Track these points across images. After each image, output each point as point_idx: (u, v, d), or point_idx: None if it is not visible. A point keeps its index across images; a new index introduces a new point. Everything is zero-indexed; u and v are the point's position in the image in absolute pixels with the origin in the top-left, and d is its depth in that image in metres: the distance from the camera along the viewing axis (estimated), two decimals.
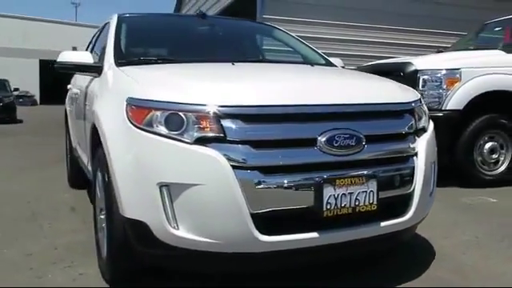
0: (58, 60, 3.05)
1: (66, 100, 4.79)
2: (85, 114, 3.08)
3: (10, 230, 3.45)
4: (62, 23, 35.54)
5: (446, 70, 4.63)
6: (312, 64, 3.03)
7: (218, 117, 1.96)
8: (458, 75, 4.62)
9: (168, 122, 1.99)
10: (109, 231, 2.26)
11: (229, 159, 1.92)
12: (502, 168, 4.80)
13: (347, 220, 2.08)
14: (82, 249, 2.98)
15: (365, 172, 2.10)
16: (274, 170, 1.97)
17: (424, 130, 2.45)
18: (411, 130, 2.33)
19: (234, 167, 1.92)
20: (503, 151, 4.81)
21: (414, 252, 2.84)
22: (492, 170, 4.78)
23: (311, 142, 2.04)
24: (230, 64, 2.64)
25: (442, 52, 6.68)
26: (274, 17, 6.81)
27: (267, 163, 1.97)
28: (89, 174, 3.29)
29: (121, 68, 2.65)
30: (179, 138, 1.96)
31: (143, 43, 3.22)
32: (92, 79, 3.05)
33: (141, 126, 2.04)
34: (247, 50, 3.58)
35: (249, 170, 1.94)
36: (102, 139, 2.25)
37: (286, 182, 1.97)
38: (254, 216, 1.93)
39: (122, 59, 2.81)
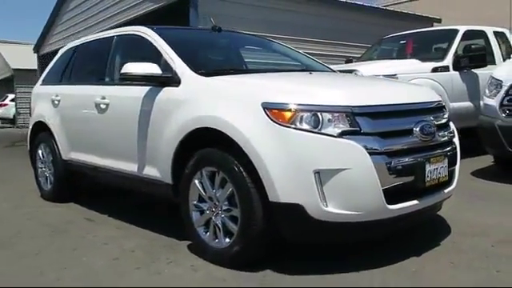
0: (123, 71, 3.19)
1: (48, 111, 4.61)
2: (152, 122, 3.23)
3: (53, 244, 3.39)
4: None
5: (388, 75, 5.64)
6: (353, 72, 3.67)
7: (354, 115, 2.50)
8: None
9: (314, 121, 2.46)
10: (246, 220, 2.59)
11: (365, 147, 2.47)
12: None
13: (433, 188, 2.78)
14: (158, 249, 3.15)
15: (442, 152, 2.82)
16: (394, 154, 2.57)
17: (449, 119, 3.26)
18: (448, 119, 3.12)
19: (369, 153, 2.47)
20: None
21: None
22: None
23: (411, 132, 2.69)
24: (308, 73, 3.15)
25: (351, 61, 7.85)
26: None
27: (390, 149, 2.55)
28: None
29: (212, 78, 2.97)
30: (326, 132, 2.44)
31: (193, 55, 3.48)
32: (156, 89, 3.23)
33: (288, 125, 2.46)
34: (287, 61, 4.05)
35: (379, 155, 2.50)
36: (237, 139, 2.56)
37: (402, 162, 2.58)
38: (383, 190, 2.51)
39: (198, 70, 3.10)
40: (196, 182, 2.90)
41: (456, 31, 6.74)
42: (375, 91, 2.85)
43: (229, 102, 2.73)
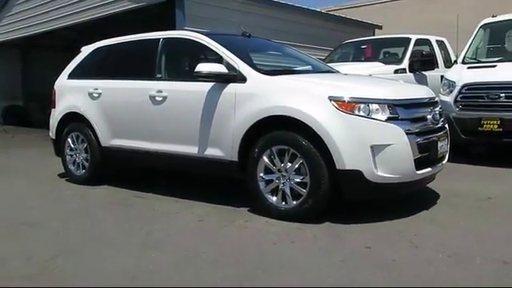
0: (197, 70, 3.90)
1: (84, 103, 5.11)
2: (219, 111, 3.96)
3: (130, 214, 4.02)
4: None
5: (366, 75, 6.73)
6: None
7: (395, 106, 3.47)
8: None
9: (367, 109, 3.40)
10: (315, 184, 3.46)
11: (403, 129, 3.45)
12: None
13: (439, 160, 3.85)
14: (227, 213, 3.90)
15: (445, 133, 3.89)
16: (419, 134, 3.58)
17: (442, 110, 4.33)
18: (441, 110, 4.19)
19: (405, 133, 3.45)
20: None
21: None
22: None
23: (426, 119, 3.72)
24: (344, 74, 4.07)
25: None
26: (194, 29, 7.92)
27: (417, 130, 3.57)
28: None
29: (277, 76, 3.83)
30: (378, 118, 3.39)
31: (247, 57, 4.22)
32: (221, 85, 3.97)
33: (350, 113, 3.38)
34: (310, 63, 4.92)
35: (411, 135, 3.50)
36: (310, 123, 3.42)
37: (424, 140, 3.61)
38: (414, 160, 3.50)
39: (259, 70, 3.91)
40: (265, 158, 3.72)
41: (409, 39, 8.03)
42: (402, 89, 3.87)
43: (298, 96, 3.58)
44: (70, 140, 5.38)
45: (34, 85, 16.42)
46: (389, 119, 3.43)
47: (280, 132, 3.65)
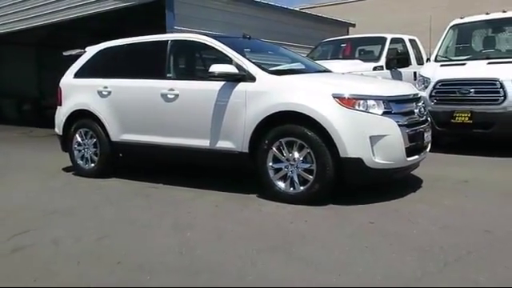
0: (211, 70, 4.33)
1: (94, 100, 5.42)
2: (230, 107, 4.38)
3: (151, 201, 4.41)
4: None
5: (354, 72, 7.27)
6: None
7: (389, 101, 4.00)
8: None
9: (365, 105, 3.91)
10: (321, 170, 3.95)
11: (396, 122, 3.98)
12: None
13: (424, 149, 4.42)
14: (240, 199, 4.35)
15: (428, 125, 4.46)
16: (409, 126, 4.12)
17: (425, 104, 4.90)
18: (424, 104, 4.76)
19: (398, 125, 3.99)
20: None
21: None
22: None
23: (414, 112, 4.27)
24: (341, 74, 4.58)
25: None
26: (183, 28, 8.30)
27: (406, 123, 4.11)
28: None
29: (284, 76, 4.29)
30: (375, 112, 3.92)
31: (252, 58, 4.68)
32: (231, 84, 4.39)
33: (351, 108, 3.89)
34: (305, 63, 5.38)
35: (403, 127, 4.03)
36: (317, 118, 3.90)
37: (413, 131, 4.15)
38: (405, 148, 4.05)
39: (266, 70, 4.37)
40: (274, 148, 4.18)
41: (385, 38, 8.65)
42: (393, 86, 4.43)
43: (306, 94, 4.06)
44: (78, 136, 5.69)
45: (8, 81, 16.31)
46: (384, 113, 3.96)
47: (288, 125, 4.12)
